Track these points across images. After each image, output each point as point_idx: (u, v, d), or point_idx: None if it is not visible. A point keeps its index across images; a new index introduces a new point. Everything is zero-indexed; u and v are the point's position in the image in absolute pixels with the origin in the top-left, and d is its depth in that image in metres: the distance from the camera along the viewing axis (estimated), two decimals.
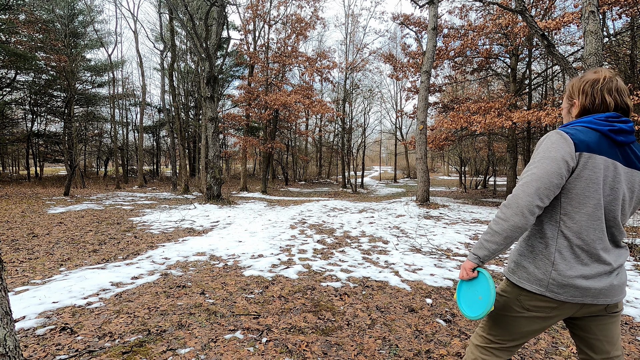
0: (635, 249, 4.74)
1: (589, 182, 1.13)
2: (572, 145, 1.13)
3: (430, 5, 10.61)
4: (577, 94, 1.28)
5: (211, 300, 3.02)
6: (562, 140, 1.15)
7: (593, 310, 1.21)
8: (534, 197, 1.12)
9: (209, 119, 11.13)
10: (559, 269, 1.16)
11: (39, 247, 4.85)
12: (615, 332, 1.24)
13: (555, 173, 1.12)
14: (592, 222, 1.15)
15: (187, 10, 9.99)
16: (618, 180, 1.16)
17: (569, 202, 1.16)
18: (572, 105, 1.31)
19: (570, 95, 1.31)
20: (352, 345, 2.30)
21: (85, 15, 20.75)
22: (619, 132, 1.16)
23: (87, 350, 2.15)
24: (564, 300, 1.17)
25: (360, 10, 56.35)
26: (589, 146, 1.13)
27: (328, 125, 29.32)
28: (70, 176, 12.95)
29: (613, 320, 1.24)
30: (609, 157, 1.14)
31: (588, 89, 1.23)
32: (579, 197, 1.15)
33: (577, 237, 1.15)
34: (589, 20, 5.23)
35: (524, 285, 1.22)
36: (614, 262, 1.18)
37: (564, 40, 13.94)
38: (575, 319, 1.28)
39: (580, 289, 1.15)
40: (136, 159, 24.92)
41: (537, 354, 2.22)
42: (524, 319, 1.25)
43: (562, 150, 1.13)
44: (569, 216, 1.16)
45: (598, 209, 1.15)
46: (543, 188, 1.13)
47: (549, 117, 9.40)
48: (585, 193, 1.14)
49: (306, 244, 5.38)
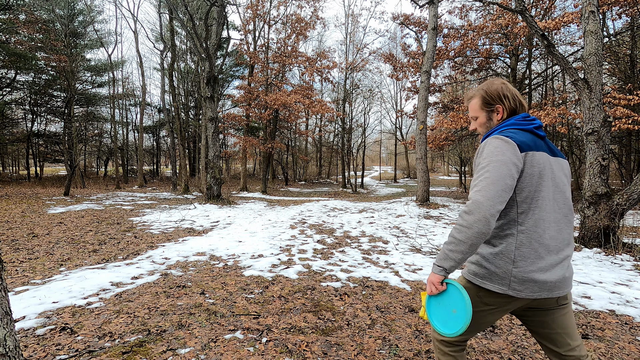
0: (635, 249, 4.74)
1: (537, 178, 1.20)
2: (516, 148, 1.19)
3: (430, 5, 10.61)
4: (499, 100, 1.33)
5: (211, 300, 3.02)
6: (506, 144, 1.19)
7: (545, 303, 1.26)
8: (495, 202, 1.13)
9: (209, 119, 11.13)
10: (519, 266, 1.19)
11: (39, 247, 4.85)
12: (570, 323, 1.29)
13: (508, 175, 1.16)
14: (546, 214, 1.21)
15: (187, 10, 9.99)
16: (554, 170, 1.25)
17: (523, 200, 1.21)
18: (493, 112, 1.35)
19: (488, 103, 1.35)
20: (352, 345, 2.30)
21: (85, 15, 20.75)
22: (539, 128, 1.30)
23: (87, 350, 2.15)
24: (524, 297, 1.21)
25: (360, 10, 56.39)
26: (528, 145, 1.21)
27: (328, 125, 29.32)
28: (70, 176, 12.95)
29: (565, 311, 1.29)
30: (543, 152, 1.24)
31: (507, 94, 1.32)
32: (532, 194, 1.20)
33: (534, 232, 1.20)
34: (589, 20, 5.23)
35: (487, 286, 1.24)
36: (564, 253, 1.25)
37: (564, 40, 13.93)
38: (528, 315, 1.33)
39: (539, 282, 1.19)
40: (136, 159, 24.92)
41: (537, 354, 2.22)
42: (487, 313, 1.29)
43: (509, 153, 1.18)
44: (525, 213, 1.21)
45: (548, 202, 1.22)
46: (501, 191, 1.15)
47: (548, 117, 9.40)
48: (537, 189, 1.20)
49: (306, 244, 5.38)
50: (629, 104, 9.07)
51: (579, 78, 5.28)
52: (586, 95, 5.25)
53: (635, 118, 8.68)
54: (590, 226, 5.15)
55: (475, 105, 1.39)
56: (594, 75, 5.21)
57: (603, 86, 7.84)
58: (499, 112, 1.34)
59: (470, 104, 1.42)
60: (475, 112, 1.39)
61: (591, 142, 5.20)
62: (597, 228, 5.07)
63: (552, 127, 15.79)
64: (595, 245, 5.06)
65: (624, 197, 4.90)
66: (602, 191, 5.07)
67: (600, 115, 5.15)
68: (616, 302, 3.10)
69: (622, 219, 5.15)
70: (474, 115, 1.40)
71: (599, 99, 5.18)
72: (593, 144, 5.18)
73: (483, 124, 1.38)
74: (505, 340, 2.41)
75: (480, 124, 1.40)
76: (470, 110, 1.42)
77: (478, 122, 1.40)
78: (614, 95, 9.43)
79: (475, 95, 1.39)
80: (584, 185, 5.33)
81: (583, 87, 5.25)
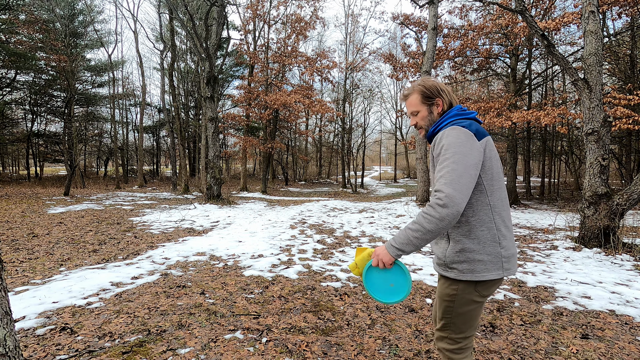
0: (635, 249, 4.74)
1: (495, 160, 1.30)
2: (474, 136, 1.25)
3: (430, 5, 10.60)
4: (438, 94, 1.40)
5: (211, 300, 3.02)
6: (467, 134, 1.24)
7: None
8: (466, 195, 1.18)
9: (209, 119, 11.13)
10: (503, 245, 1.27)
11: (39, 247, 4.85)
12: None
13: (473, 165, 1.21)
14: (503, 192, 1.32)
15: (187, 10, 9.99)
16: (495, 150, 1.33)
17: (490, 184, 1.28)
18: (433, 105, 1.41)
19: (428, 97, 1.41)
20: (352, 345, 2.30)
21: (85, 15, 20.74)
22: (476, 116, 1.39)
23: (87, 350, 2.15)
24: (508, 276, 1.29)
25: (360, 10, 56.39)
26: (482, 132, 1.29)
27: (328, 125, 29.31)
28: (70, 176, 12.95)
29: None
30: (489, 135, 1.32)
31: (444, 88, 1.40)
32: (495, 177, 1.29)
33: (502, 209, 1.30)
34: (589, 20, 5.23)
35: (486, 277, 1.26)
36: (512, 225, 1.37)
37: (564, 40, 13.94)
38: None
39: (514, 257, 1.31)
40: (136, 159, 24.92)
41: (537, 354, 2.22)
42: (481, 305, 1.34)
43: (470, 142, 1.23)
44: (494, 195, 1.29)
45: (501, 181, 1.33)
46: (469, 183, 1.19)
47: (548, 117, 9.40)
48: (496, 171, 1.30)
49: (306, 244, 5.38)
50: (629, 104, 9.06)
51: (579, 78, 5.28)
52: (586, 95, 5.24)
53: (635, 118, 8.67)
54: (590, 226, 5.15)
55: (415, 101, 1.43)
56: (594, 75, 5.21)
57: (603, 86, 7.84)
58: (439, 105, 1.40)
59: (409, 100, 1.45)
60: (416, 107, 1.43)
61: (591, 142, 5.20)
62: (597, 228, 5.07)
63: (552, 127, 15.80)
64: (595, 245, 5.06)
65: (624, 197, 4.90)
66: (602, 191, 5.06)
67: (600, 115, 5.15)
68: (616, 302, 3.10)
69: (622, 219, 5.15)
70: (414, 109, 1.44)
71: (599, 99, 5.18)
72: (593, 144, 5.18)
73: (425, 117, 1.42)
74: (505, 340, 2.41)
75: (422, 118, 1.43)
76: (410, 106, 1.45)
77: (420, 116, 1.44)
78: (614, 95, 9.43)
79: (413, 91, 1.44)
80: (584, 185, 5.33)
81: (583, 87, 5.25)
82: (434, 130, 1.40)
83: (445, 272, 1.32)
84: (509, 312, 2.87)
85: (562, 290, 3.43)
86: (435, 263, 1.41)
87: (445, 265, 1.32)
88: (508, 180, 13.51)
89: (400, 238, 1.25)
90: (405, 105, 1.49)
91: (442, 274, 1.34)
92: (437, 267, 1.39)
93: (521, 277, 3.84)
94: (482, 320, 2.71)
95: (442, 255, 1.33)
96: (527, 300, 3.16)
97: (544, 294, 3.35)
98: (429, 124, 1.43)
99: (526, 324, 2.67)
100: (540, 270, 4.16)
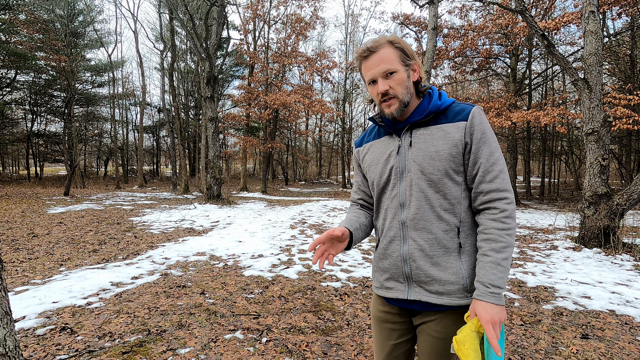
0: (635, 249, 4.74)
1: None
2: None
3: (430, 5, 10.60)
4: (414, 57, 1.04)
5: (211, 300, 3.02)
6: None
7: None
8: None
9: (209, 119, 11.13)
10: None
11: (39, 247, 4.85)
12: None
13: None
14: None
15: (187, 10, 9.99)
16: None
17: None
18: (410, 69, 1.03)
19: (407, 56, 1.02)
20: (352, 345, 2.30)
21: (85, 15, 20.76)
22: None
23: (87, 350, 2.15)
24: None
25: (360, 10, 56.46)
26: None
27: (328, 125, 29.33)
28: (70, 176, 12.95)
29: None
30: None
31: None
32: None
33: None
34: (589, 20, 5.23)
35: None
36: None
37: (564, 40, 13.94)
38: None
39: None
40: (136, 159, 24.92)
41: (537, 354, 2.22)
42: None
43: None
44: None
45: None
46: None
47: (547, 117, 9.40)
48: None
49: (306, 244, 5.38)
50: (629, 104, 9.07)
51: (579, 78, 5.28)
52: (586, 95, 5.24)
53: (635, 118, 8.68)
54: (590, 226, 5.15)
55: (391, 55, 0.99)
56: (594, 75, 5.21)
57: (603, 86, 7.84)
58: (415, 70, 1.04)
59: (380, 55, 0.99)
60: (392, 64, 0.99)
61: (591, 142, 5.20)
62: (597, 228, 5.07)
63: (552, 127, 15.80)
64: (595, 245, 5.06)
65: (624, 197, 4.90)
66: (602, 191, 5.06)
67: (600, 115, 5.15)
68: (616, 302, 3.10)
69: (622, 219, 5.15)
70: (389, 68, 0.99)
71: (599, 99, 5.18)
72: (593, 144, 5.18)
73: (403, 82, 1.00)
74: (505, 340, 2.41)
75: (400, 82, 1.00)
76: (382, 62, 0.99)
77: (397, 79, 1.00)
78: (614, 95, 9.44)
79: (385, 44, 1.00)
80: (584, 185, 5.33)
81: (583, 87, 5.25)
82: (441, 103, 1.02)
83: (467, 300, 0.97)
84: (509, 312, 2.87)
85: (562, 290, 3.43)
86: (438, 294, 0.98)
87: (465, 290, 0.97)
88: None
89: (496, 275, 0.89)
90: (368, 64, 1.02)
91: (459, 303, 0.97)
92: (446, 299, 0.98)
93: (521, 277, 3.84)
94: None
95: (459, 277, 0.97)
96: (527, 300, 3.16)
97: (544, 294, 3.35)
98: (405, 94, 1.01)
99: (526, 324, 2.67)
100: (540, 270, 4.16)
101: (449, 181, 0.99)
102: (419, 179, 1.01)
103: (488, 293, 0.87)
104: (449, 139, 0.98)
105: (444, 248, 0.99)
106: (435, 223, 0.99)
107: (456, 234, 0.99)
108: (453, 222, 0.99)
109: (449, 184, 0.99)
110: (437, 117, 1.02)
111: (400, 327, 1.09)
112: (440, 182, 0.99)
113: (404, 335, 1.09)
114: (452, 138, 0.98)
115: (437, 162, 0.98)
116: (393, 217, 1.06)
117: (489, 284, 0.88)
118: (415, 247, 1.01)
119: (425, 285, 1.00)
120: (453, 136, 0.98)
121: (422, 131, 1.03)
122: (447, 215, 0.99)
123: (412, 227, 1.02)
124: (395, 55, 1.00)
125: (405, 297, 1.03)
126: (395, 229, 1.06)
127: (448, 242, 0.99)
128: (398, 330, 1.09)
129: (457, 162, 0.98)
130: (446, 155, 0.98)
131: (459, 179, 1.00)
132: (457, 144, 0.97)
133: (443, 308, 0.99)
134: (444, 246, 0.99)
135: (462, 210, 1.00)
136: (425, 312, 1.02)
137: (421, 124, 1.04)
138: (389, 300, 1.10)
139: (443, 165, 0.98)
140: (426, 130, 1.02)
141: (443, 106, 1.01)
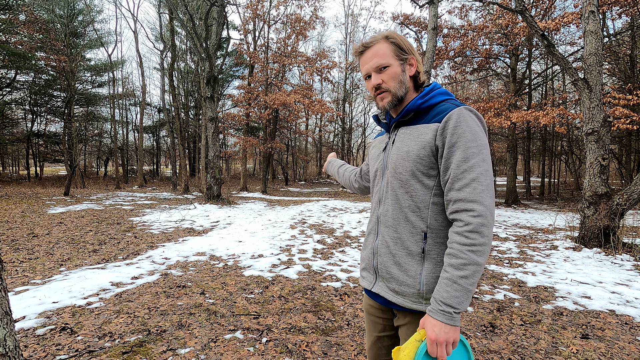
0: (635, 249, 4.74)
1: None
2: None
3: (430, 5, 10.60)
4: (411, 52, 1.01)
5: (211, 300, 3.02)
6: (483, 122, 0.95)
7: None
8: None
9: (209, 119, 11.13)
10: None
11: (39, 247, 4.85)
12: None
13: None
14: None
15: (187, 10, 9.99)
16: None
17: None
18: (406, 64, 1.01)
19: (402, 51, 1.00)
20: (352, 345, 2.30)
21: (85, 15, 20.76)
22: None
23: (87, 350, 2.15)
24: None
25: (360, 10, 56.36)
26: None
27: (328, 125, 29.33)
28: (70, 176, 12.95)
29: None
30: None
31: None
32: None
33: None
34: (589, 20, 5.23)
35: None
36: None
37: (564, 40, 13.96)
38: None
39: None
40: (136, 159, 24.92)
41: (537, 354, 2.22)
42: None
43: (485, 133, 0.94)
44: None
45: None
46: None
47: (546, 117, 9.41)
48: None
49: (306, 244, 5.38)
50: (628, 104, 9.08)
51: (579, 78, 5.28)
52: (586, 95, 5.25)
53: (634, 118, 8.69)
54: (590, 226, 5.15)
55: (384, 50, 0.99)
56: (594, 75, 5.21)
57: (603, 86, 7.84)
58: (412, 64, 1.01)
59: (374, 50, 1.00)
60: (385, 59, 0.99)
61: (591, 142, 5.20)
62: (597, 228, 5.07)
63: (552, 127, 15.80)
64: (595, 245, 5.06)
65: (624, 197, 4.90)
66: (602, 191, 5.07)
67: (600, 115, 5.15)
68: (616, 302, 3.10)
69: (622, 219, 5.15)
70: (382, 62, 0.99)
71: (599, 99, 5.19)
72: (593, 144, 5.18)
73: (396, 76, 0.99)
74: (505, 340, 2.41)
75: (392, 76, 0.99)
76: (375, 56, 1.00)
77: (390, 74, 0.99)
78: (614, 95, 9.44)
79: (380, 40, 1.01)
80: (584, 185, 5.33)
81: (583, 87, 5.25)
82: (422, 102, 0.98)
83: (419, 305, 0.94)
84: (509, 312, 2.87)
85: (562, 290, 3.43)
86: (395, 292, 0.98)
87: (419, 296, 0.94)
88: (508, 180, 13.51)
89: (449, 294, 0.83)
90: (364, 59, 1.03)
91: (412, 307, 0.95)
92: (401, 299, 0.97)
93: (521, 277, 3.84)
94: (482, 320, 2.71)
95: (415, 282, 0.94)
96: (527, 300, 3.16)
97: (544, 294, 3.35)
98: (398, 88, 1.00)
99: (526, 324, 2.67)
100: (540, 270, 4.16)
101: (416, 183, 0.96)
102: (393, 177, 1.02)
103: (438, 310, 0.84)
104: (420, 140, 0.96)
105: (407, 250, 0.97)
106: (403, 224, 0.98)
107: (422, 238, 0.95)
108: (419, 226, 0.96)
109: (417, 187, 0.96)
110: (420, 115, 1.01)
111: (383, 322, 1.11)
112: (408, 183, 0.97)
113: (387, 330, 1.11)
114: (422, 139, 0.95)
115: (406, 163, 0.97)
116: (373, 211, 1.12)
117: (440, 302, 0.84)
118: (383, 243, 1.03)
119: (386, 282, 1.02)
120: (424, 137, 0.95)
121: (404, 130, 1.02)
122: (414, 218, 0.96)
123: (383, 223, 1.04)
124: (389, 49, 0.99)
125: (370, 287, 1.08)
126: (372, 222, 1.11)
127: (412, 245, 0.96)
128: (381, 325, 1.12)
129: (425, 165, 0.95)
130: (414, 156, 0.96)
131: (430, 183, 0.95)
132: (425, 146, 0.94)
133: (400, 308, 0.99)
134: (406, 248, 0.97)
135: (430, 216, 0.95)
136: (400, 315, 1.02)
137: (405, 122, 1.04)
138: (369, 294, 1.13)
139: (410, 166, 0.96)
140: (407, 129, 1.01)
141: (424, 105, 0.98)
